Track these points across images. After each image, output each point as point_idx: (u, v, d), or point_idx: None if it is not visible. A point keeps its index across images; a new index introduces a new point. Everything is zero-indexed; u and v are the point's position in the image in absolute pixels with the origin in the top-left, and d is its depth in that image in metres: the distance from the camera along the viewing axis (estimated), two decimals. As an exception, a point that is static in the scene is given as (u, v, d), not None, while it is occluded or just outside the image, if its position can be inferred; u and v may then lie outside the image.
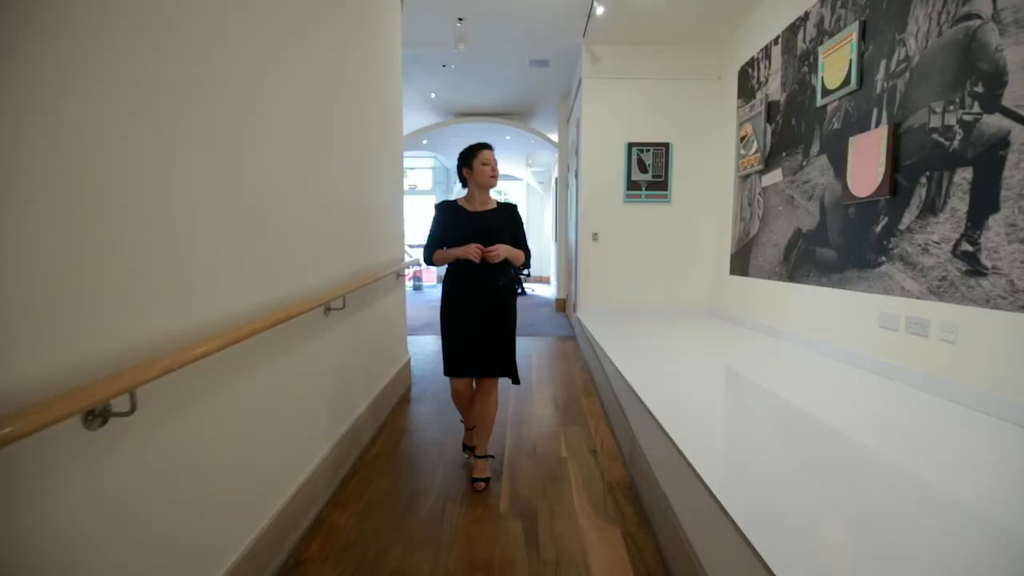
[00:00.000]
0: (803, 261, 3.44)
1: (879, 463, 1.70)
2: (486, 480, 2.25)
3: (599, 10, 4.10)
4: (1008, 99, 1.93)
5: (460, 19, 4.61)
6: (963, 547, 1.22)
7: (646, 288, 5.30)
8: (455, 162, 2.30)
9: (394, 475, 2.41)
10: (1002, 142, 1.95)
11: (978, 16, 2.06)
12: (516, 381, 2.28)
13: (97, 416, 0.96)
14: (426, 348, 5.08)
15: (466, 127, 8.32)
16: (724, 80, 4.95)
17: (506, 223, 2.22)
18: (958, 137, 2.15)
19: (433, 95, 7.11)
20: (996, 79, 1.98)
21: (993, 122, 1.99)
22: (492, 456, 2.39)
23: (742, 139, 4.46)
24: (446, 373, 2.25)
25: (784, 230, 3.70)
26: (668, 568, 1.69)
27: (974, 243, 2.08)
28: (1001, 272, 1.97)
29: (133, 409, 0.99)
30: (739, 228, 4.56)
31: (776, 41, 3.86)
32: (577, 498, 2.18)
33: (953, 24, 2.19)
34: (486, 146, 2.22)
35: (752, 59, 4.31)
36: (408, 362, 3.86)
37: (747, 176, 4.37)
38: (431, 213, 2.31)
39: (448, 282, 2.24)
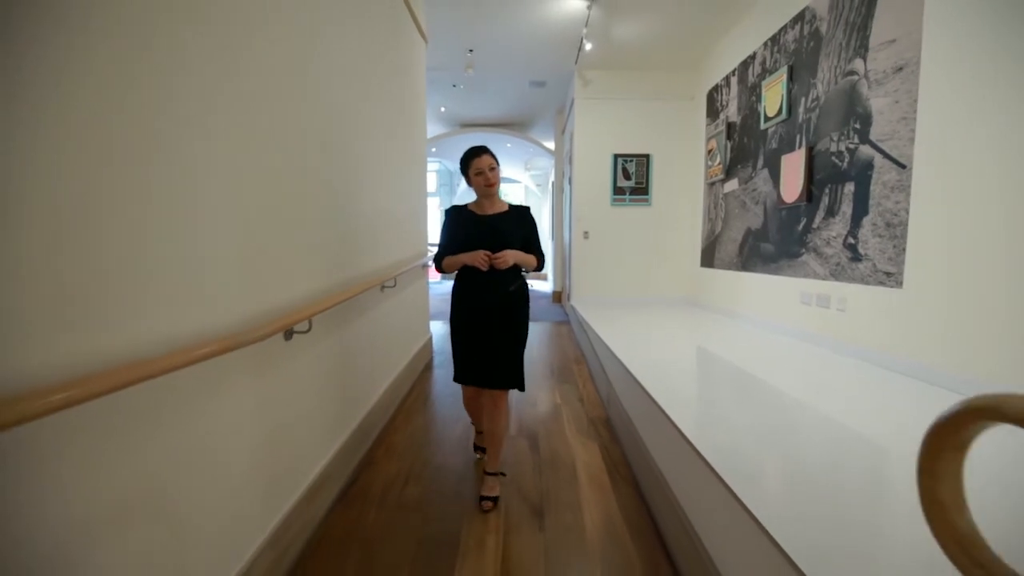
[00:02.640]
0: (752, 254, 4.16)
1: (781, 393, 2.41)
2: (494, 500, 2.01)
3: (587, 46, 4.81)
4: (873, 135, 2.65)
5: (470, 50, 5.32)
6: (826, 443, 1.94)
7: (630, 280, 6.01)
8: (459, 166, 2.16)
9: (429, 414, 3.13)
10: (869, 165, 2.67)
11: (856, 73, 2.78)
12: (521, 388, 2.10)
13: (290, 333, 1.68)
14: (439, 331, 5.79)
15: (470, 136, 9.03)
16: (696, 100, 5.67)
17: (519, 226, 2.05)
18: (846, 159, 2.87)
19: (443, 109, 7.82)
20: (867, 119, 2.70)
21: (865, 150, 2.71)
22: (504, 474, 2.21)
23: (709, 152, 5.18)
24: (455, 379, 2.16)
25: (739, 229, 4.42)
26: (629, 463, 2.41)
27: (855, 237, 2.80)
28: (869, 258, 2.69)
29: (310, 329, 1.71)
30: (707, 228, 5.28)
31: (733, 72, 4.58)
32: (567, 427, 2.91)
33: (843, 76, 2.91)
34: (479, 152, 1.99)
35: (717, 85, 5.03)
36: (430, 338, 4.57)
37: (713, 184, 5.09)
38: (435, 213, 2.34)
39: (457, 289, 2.09)
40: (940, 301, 2.26)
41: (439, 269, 2.13)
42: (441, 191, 14.24)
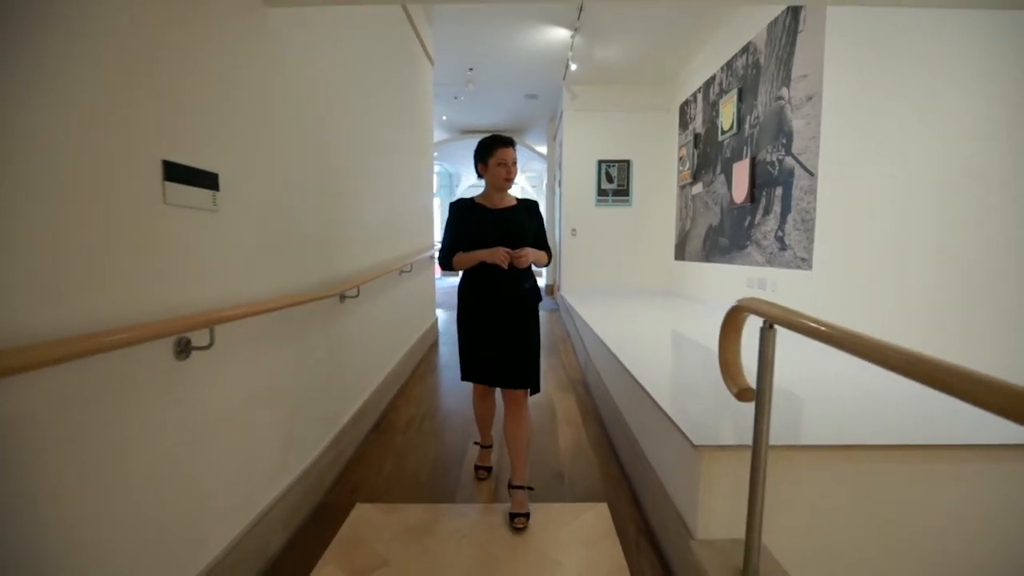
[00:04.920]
0: (712, 247, 4.77)
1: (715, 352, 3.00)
2: (526, 515, 1.80)
3: (573, 67, 5.40)
4: (794, 149, 3.25)
5: (471, 68, 5.90)
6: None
7: (612, 272, 6.61)
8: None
9: (437, 377, 3.73)
10: (792, 173, 3.28)
11: (783, 98, 3.38)
12: (536, 390, 1.96)
13: (343, 298, 2.27)
14: (442, 316, 6.38)
15: (470, 142, 9.63)
16: (671, 112, 6.26)
17: (530, 221, 1.94)
18: (777, 168, 3.48)
19: (444, 117, 8.41)
20: (790, 136, 3.30)
21: (789, 161, 3.31)
22: (532, 488, 1.94)
23: (680, 159, 5.78)
24: (465, 377, 2.01)
25: (703, 226, 5.02)
26: (598, 408, 3.01)
27: (782, 231, 3.41)
28: (791, 247, 3.29)
29: (358, 295, 2.30)
30: (679, 225, 5.88)
31: (700, 90, 5.18)
32: (551, 385, 3.51)
33: (775, 100, 3.51)
34: (504, 142, 1.85)
35: (687, 100, 5.63)
36: (436, 320, 5.18)
37: (684, 186, 5.69)
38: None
39: (468, 286, 1.94)
40: (836, 278, 2.87)
41: (447, 267, 1.94)
42: (441, 192, 14.87)
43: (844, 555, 1.35)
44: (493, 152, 1.85)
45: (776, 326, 1.12)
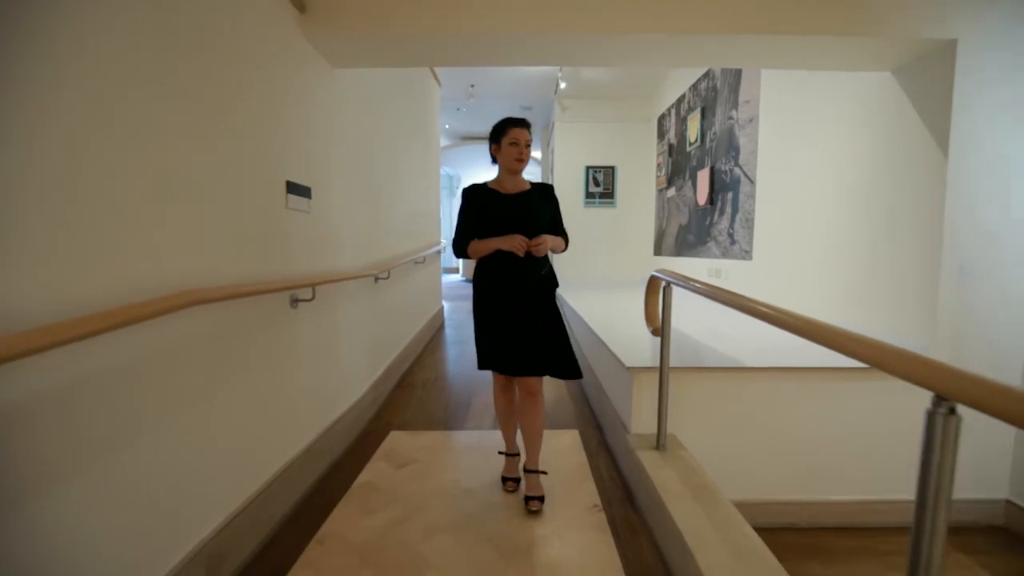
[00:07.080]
0: (682, 244, 5.38)
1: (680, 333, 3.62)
2: (540, 499, 1.85)
3: (562, 84, 6.01)
4: (740, 161, 3.87)
5: (472, 85, 6.50)
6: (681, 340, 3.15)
7: (599, 267, 7.22)
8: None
9: (445, 351, 4.34)
10: (739, 180, 3.89)
11: (732, 118, 4.00)
12: (578, 375, 1.87)
13: (377, 279, 2.87)
14: (446, 306, 6.98)
15: (469, 147, 10.24)
16: (651, 124, 6.88)
17: (545, 206, 1.86)
18: (728, 176, 4.09)
19: (447, 126, 9.01)
20: (738, 150, 3.92)
21: (737, 171, 3.93)
22: (545, 472, 1.96)
23: (658, 165, 6.40)
24: (484, 366, 1.88)
25: (675, 225, 5.64)
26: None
27: (732, 228, 4.03)
28: (739, 242, 3.91)
29: (388, 277, 2.91)
30: (657, 224, 6.50)
31: (674, 105, 5.80)
32: (540, 357, 4.12)
33: (727, 120, 4.13)
34: (518, 123, 1.79)
35: (663, 113, 6.24)
36: (443, 307, 5.79)
37: (661, 190, 6.31)
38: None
39: (484, 274, 1.85)
40: (770, 266, 3.48)
41: (461, 255, 1.83)
42: (443, 193, 15.59)
43: (725, 436, 1.97)
44: (506, 132, 1.79)
45: (672, 284, 1.74)
